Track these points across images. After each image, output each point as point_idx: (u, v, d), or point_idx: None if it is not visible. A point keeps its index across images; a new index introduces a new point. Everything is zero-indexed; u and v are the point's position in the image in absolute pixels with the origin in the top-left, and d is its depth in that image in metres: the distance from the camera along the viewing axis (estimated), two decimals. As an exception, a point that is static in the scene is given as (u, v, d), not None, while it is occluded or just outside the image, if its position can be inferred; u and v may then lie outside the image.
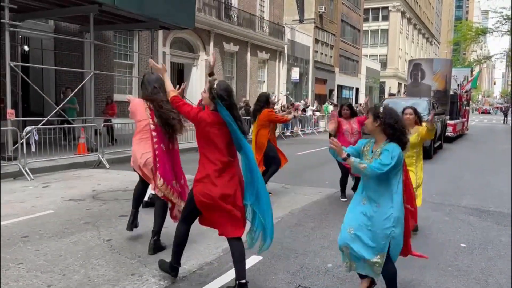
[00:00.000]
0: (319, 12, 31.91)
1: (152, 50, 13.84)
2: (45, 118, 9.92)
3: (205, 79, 20.38)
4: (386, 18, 55.80)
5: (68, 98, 11.02)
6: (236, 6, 22.72)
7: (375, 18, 56.35)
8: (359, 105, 18.92)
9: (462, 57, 68.61)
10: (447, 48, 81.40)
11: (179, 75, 20.45)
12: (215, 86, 3.27)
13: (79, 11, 10.86)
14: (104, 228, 5.20)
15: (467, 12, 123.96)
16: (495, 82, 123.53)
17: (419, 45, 68.70)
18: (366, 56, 49.58)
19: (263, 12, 25.86)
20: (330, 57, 35.42)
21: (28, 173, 8.24)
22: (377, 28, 56.53)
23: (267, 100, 7.16)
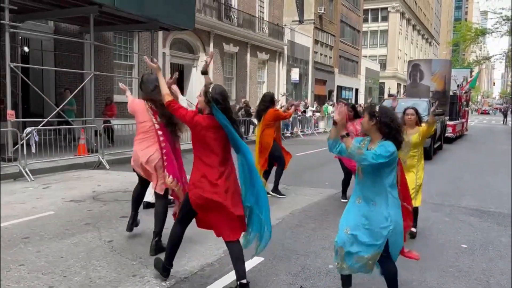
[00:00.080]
0: (319, 13, 31.94)
1: (152, 51, 13.83)
2: (45, 120, 9.91)
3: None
4: (385, 19, 55.87)
5: (67, 99, 11.00)
6: (235, 7, 22.73)
7: (375, 19, 56.44)
8: (359, 106, 18.95)
9: (462, 58, 68.67)
10: (447, 49, 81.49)
11: (179, 76, 20.38)
12: (210, 90, 3.32)
13: (79, 12, 10.87)
14: (104, 229, 5.20)
15: (466, 13, 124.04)
16: (494, 83, 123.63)
17: (419, 46, 68.77)
18: (366, 57, 49.65)
19: (263, 13, 25.87)
20: (330, 58, 35.45)
21: (28, 174, 8.24)
22: (376, 29, 56.61)
23: (272, 100, 7.19)
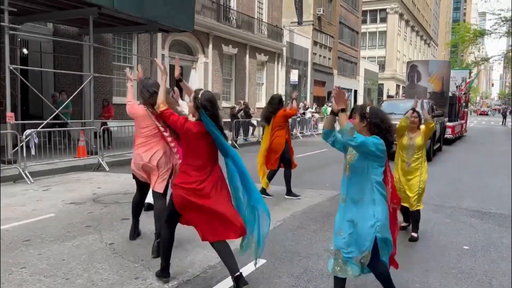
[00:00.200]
0: (318, 14, 31.98)
1: (151, 53, 13.82)
2: (44, 122, 9.89)
3: (204, 82, 20.39)
4: (384, 20, 55.96)
5: (65, 103, 10.95)
6: (234, 9, 22.75)
7: (373, 20, 56.55)
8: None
9: (460, 59, 68.72)
10: (445, 50, 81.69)
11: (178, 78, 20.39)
12: (199, 97, 3.41)
13: (78, 14, 10.85)
14: (106, 231, 5.19)
15: (465, 14, 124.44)
16: (493, 84, 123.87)
17: (417, 47, 68.90)
18: (364, 58, 49.69)
19: (262, 14, 25.89)
20: (329, 59, 35.48)
21: (28, 176, 8.22)
22: (375, 30, 56.70)
23: (281, 102, 7.22)
